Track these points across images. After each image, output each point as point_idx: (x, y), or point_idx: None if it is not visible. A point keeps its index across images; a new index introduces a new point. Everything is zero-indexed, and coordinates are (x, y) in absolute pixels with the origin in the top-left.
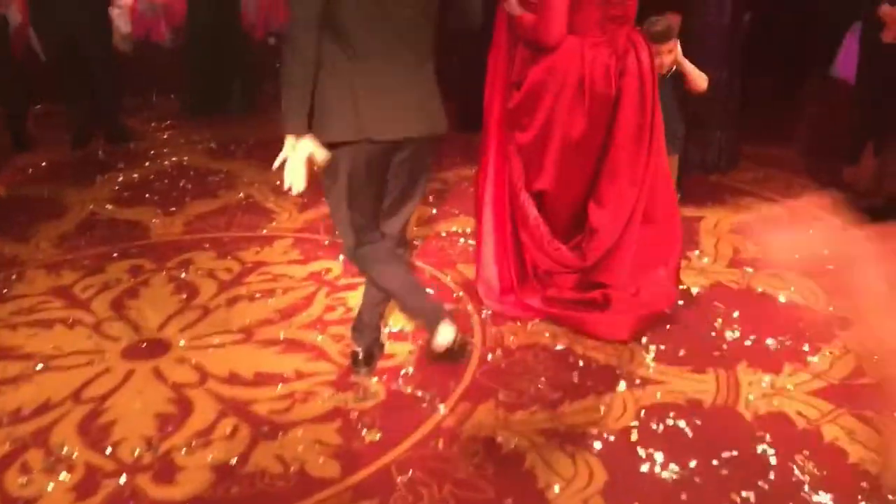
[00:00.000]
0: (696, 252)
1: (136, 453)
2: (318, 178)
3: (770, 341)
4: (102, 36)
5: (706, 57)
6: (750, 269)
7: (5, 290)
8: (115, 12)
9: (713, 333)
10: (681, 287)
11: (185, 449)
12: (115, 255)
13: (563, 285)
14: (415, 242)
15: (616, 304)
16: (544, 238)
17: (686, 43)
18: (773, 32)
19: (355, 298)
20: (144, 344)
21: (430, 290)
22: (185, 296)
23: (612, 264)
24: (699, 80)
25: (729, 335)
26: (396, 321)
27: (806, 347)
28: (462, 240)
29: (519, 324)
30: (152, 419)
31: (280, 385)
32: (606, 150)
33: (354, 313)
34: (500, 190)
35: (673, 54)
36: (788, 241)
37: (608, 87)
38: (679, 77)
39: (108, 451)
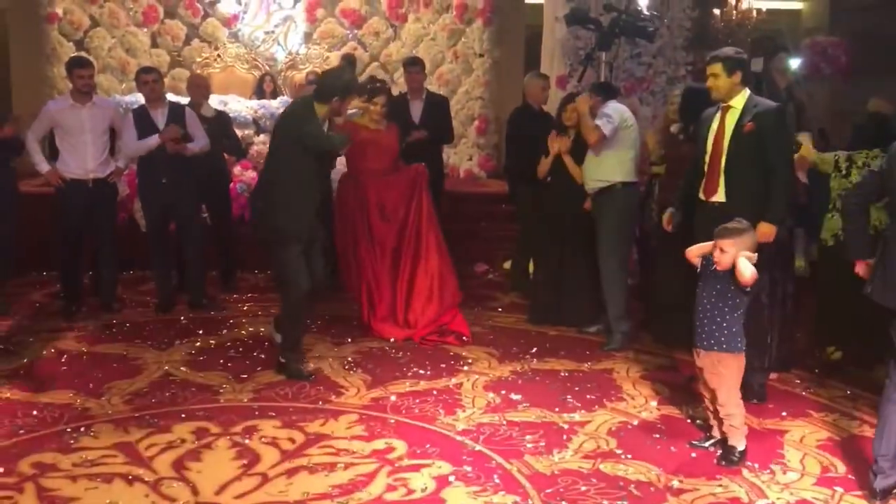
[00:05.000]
0: (780, 466)
1: None
2: None
3: None
4: (196, 212)
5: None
6: (840, 489)
7: (72, 442)
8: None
9: None
10: (766, 500)
11: None
12: (182, 415)
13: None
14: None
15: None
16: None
17: None
18: None
19: (418, 480)
20: None
21: None
22: (245, 462)
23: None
24: (740, 271)
25: None
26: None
27: None
28: (529, 435)
29: None
30: None
31: None
32: None
33: (416, 496)
34: None
35: (727, 255)
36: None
37: None
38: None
39: None
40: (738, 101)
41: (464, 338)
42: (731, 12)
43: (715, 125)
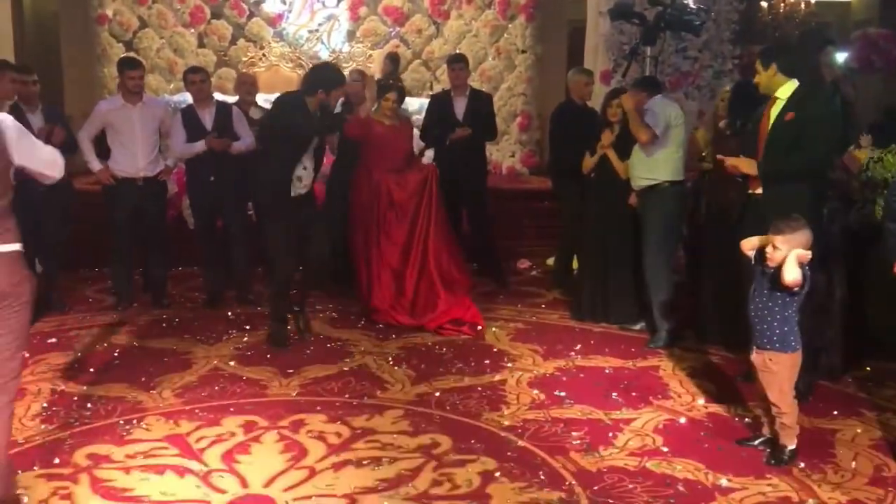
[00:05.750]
0: (831, 466)
1: None
2: None
3: None
4: (243, 210)
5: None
6: (894, 490)
7: (125, 434)
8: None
9: None
10: (817, 500)
11: None
12: (231, 409)
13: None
14: (527, 426)
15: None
16: None
17: None
18: None
19: (463, 475)
20: (250, 499)
21: None
22: (293, 455)
23: None
24: (784, 272)
25: None
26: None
27: None
28: (574, 432)
29: None
30: None
31: None
32: None
33: (461, 491)
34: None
35: (780, 252)
36: None
37: None
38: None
39: None
40: (784, 91)
41: (478, 327)
42: (779, 5)
43: (763, 118)
